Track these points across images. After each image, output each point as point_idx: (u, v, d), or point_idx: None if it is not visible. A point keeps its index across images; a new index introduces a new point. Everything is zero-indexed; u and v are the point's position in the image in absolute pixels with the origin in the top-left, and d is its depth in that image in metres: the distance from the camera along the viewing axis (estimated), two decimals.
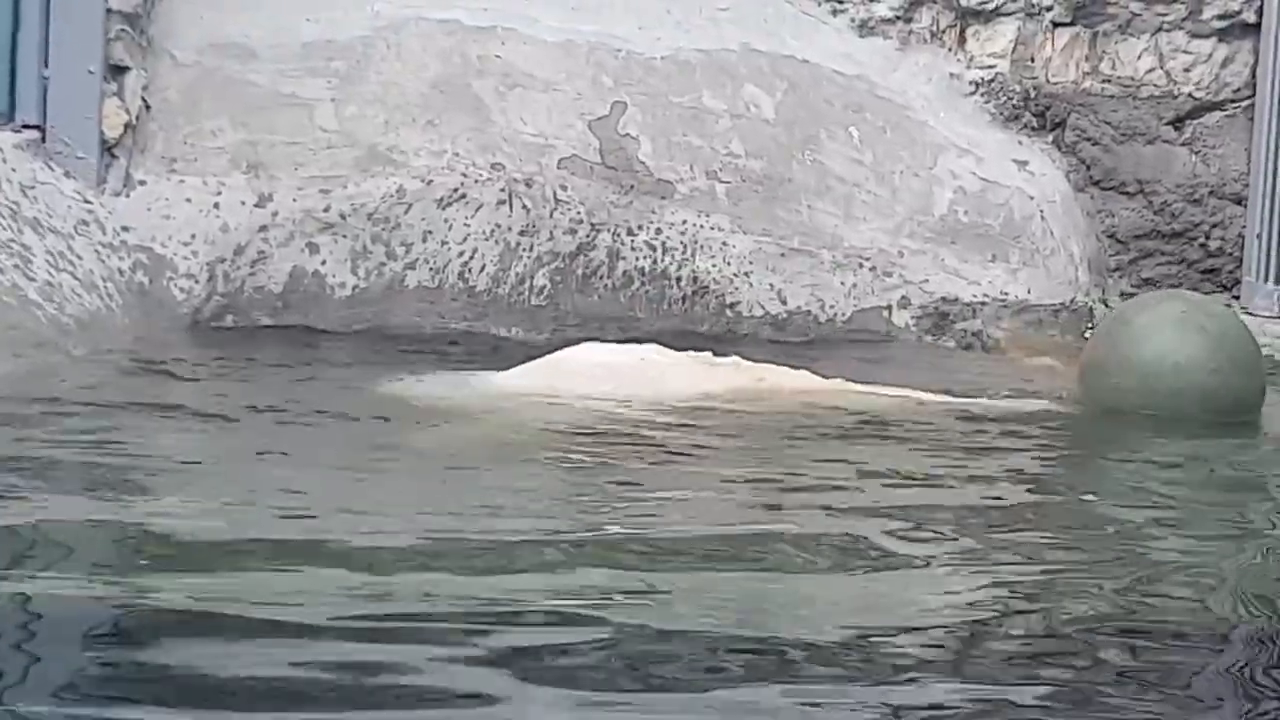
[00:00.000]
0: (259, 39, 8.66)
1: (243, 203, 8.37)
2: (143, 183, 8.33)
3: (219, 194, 8.36)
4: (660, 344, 7.62)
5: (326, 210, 8.45)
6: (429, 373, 7.44)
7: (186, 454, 6.04)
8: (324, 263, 8.42)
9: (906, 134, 9.32)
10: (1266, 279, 9.34)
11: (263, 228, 8.36)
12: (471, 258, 8.57)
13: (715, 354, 7.57)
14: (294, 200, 8.43)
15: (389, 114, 8.66)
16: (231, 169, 8.42)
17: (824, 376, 7.51)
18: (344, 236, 8.45)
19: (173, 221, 8.27)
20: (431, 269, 8.53)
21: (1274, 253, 9.31)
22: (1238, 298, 9.42)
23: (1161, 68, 9.57)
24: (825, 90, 9.28)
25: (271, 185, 8.42)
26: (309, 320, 8.33)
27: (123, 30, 8.33)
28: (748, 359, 7.55)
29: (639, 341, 7.81)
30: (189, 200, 8.32)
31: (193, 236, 8.27)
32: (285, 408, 6.75)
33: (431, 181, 8.57)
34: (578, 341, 7.96)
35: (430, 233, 8.53)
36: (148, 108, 8.42)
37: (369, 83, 8.70)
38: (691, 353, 7.52)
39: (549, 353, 7.55)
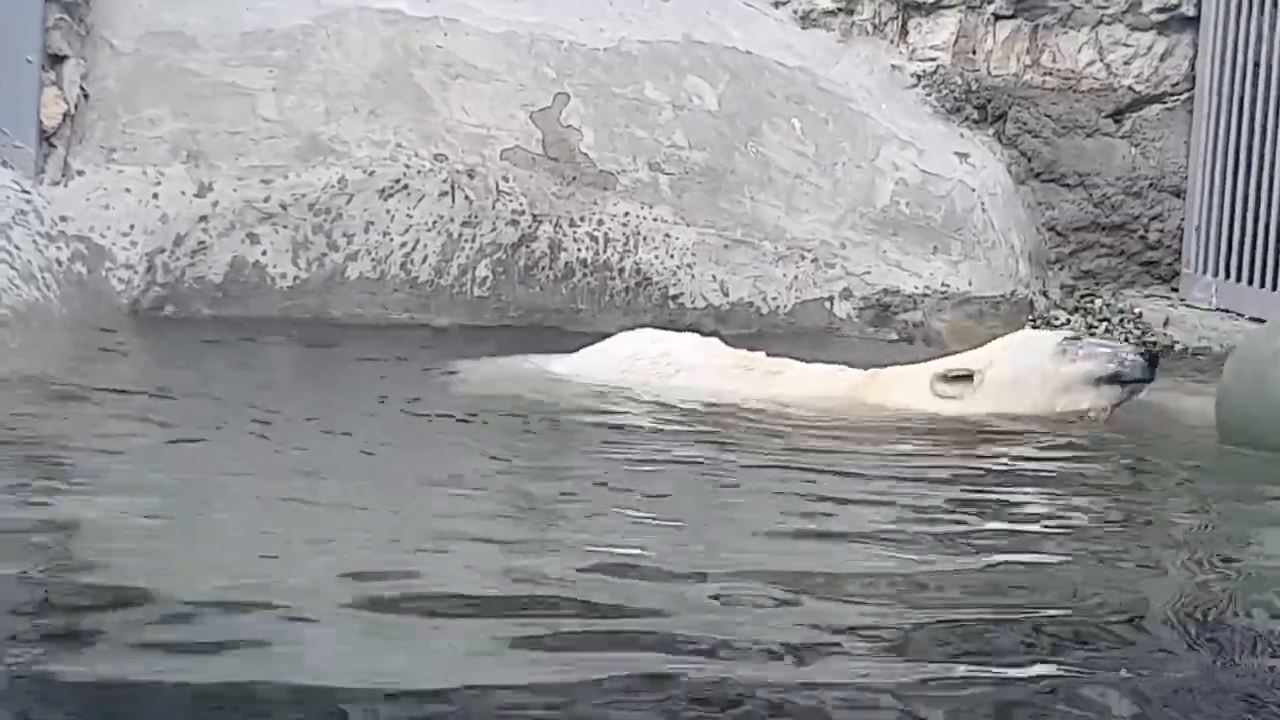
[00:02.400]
0: (199, 28, 8.61)
1: (183, 193, 8.32)
2: (81, 172, 8.27)
3: (158, 184, 8.30)
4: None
5: (267, 200, 8.40)
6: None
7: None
8: (265, 253, 8.37)
9: (848, 126, 9.33)
10: (1205, 271, 9.39)
11: (203, 218, 8.31)
12: (413, 248, 8.54)
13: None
14: (234, 190, 8.38)
15: (330, 104, 8.62)
16: (171, 159, 8.36)
17: None
18: (285, 227, 8.41)
19: (112, 211, 8.21)
20: (373, 260, 8.49)
21: (1213, 245, 9.37)
22: (1176, 290, 9.47)
23: (1102, 61, 9.61)
24: (768, 82, 9.28)
25: (211, 175, 8.37)
26: (250, 311, 8.28)
27: (61, 19, 8.27)
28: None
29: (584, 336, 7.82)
30: (128, 190, 8.26)
31: (132, 227, 8.22)
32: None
33: (373, 172, 8.53)
34: (521, 330, 7.99)
35: (372, 223, 8.50)
36: (86, 97, 8.36)
37: (310, 72, 8.66)
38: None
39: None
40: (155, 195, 8.29)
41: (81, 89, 8.33)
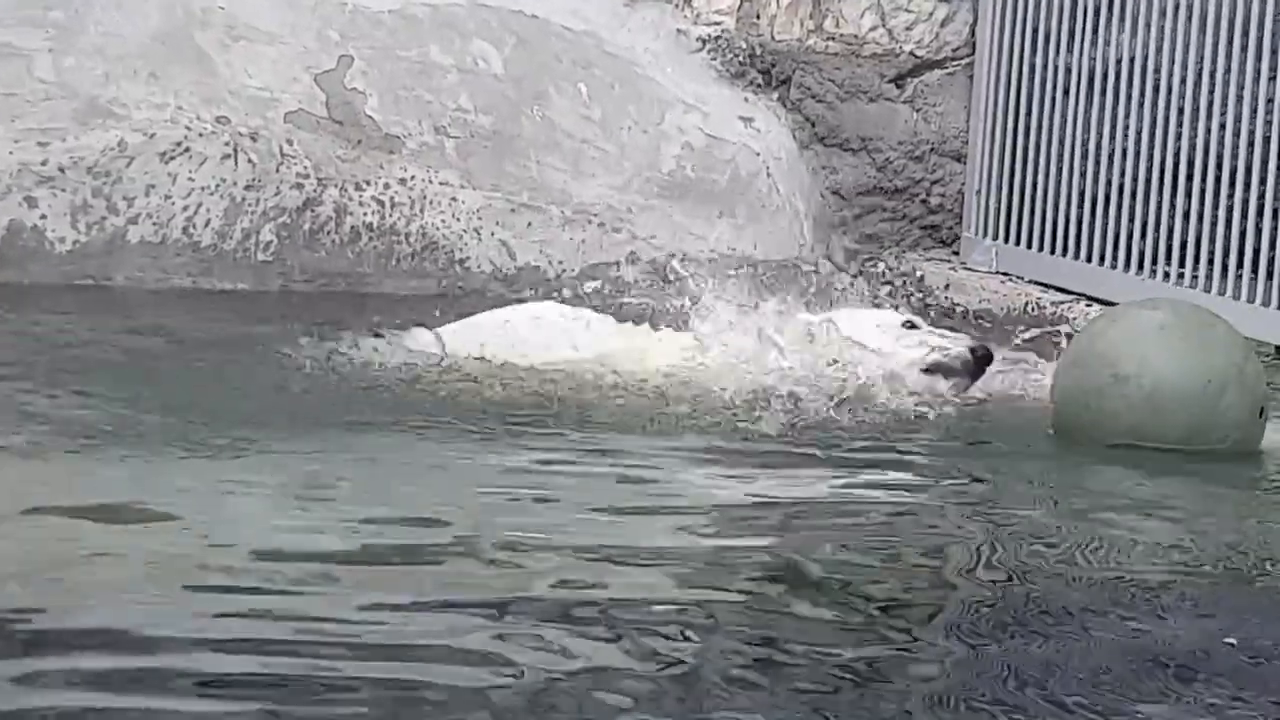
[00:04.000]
0: None
1: None
2: None
3: None
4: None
5: (45, 163, 8.27)
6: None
7: None
8: (43, 217, 8.25)
9: (634, 90, 9.36)
10: (985, 235, 9.53)
11: None
12: (195, 212, 8.46)
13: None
14: (10, 153, 8.24)
15: (109, 66, 8.50)
16: None
17: None
18: (63, 190, 8.29)
19: None
20: (155, 224, 8.40)
21: (992, 210, 9.51)
22: (957, 253, 9.62)
23: (884, 26, 9.71)
24: (554, 46, 9.28)
25: None
26: (28, 276, 8.16)
27: None
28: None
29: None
30: None
31: None
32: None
33: (154, 135, 8.44)
34: (305, 297, 7.92)
35: (153, 187, 8.40)
36: None
37: (88, 34, 8.53)
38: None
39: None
40: None
41: None
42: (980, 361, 6.79)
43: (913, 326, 6.93)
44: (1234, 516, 5.58)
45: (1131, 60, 8.80)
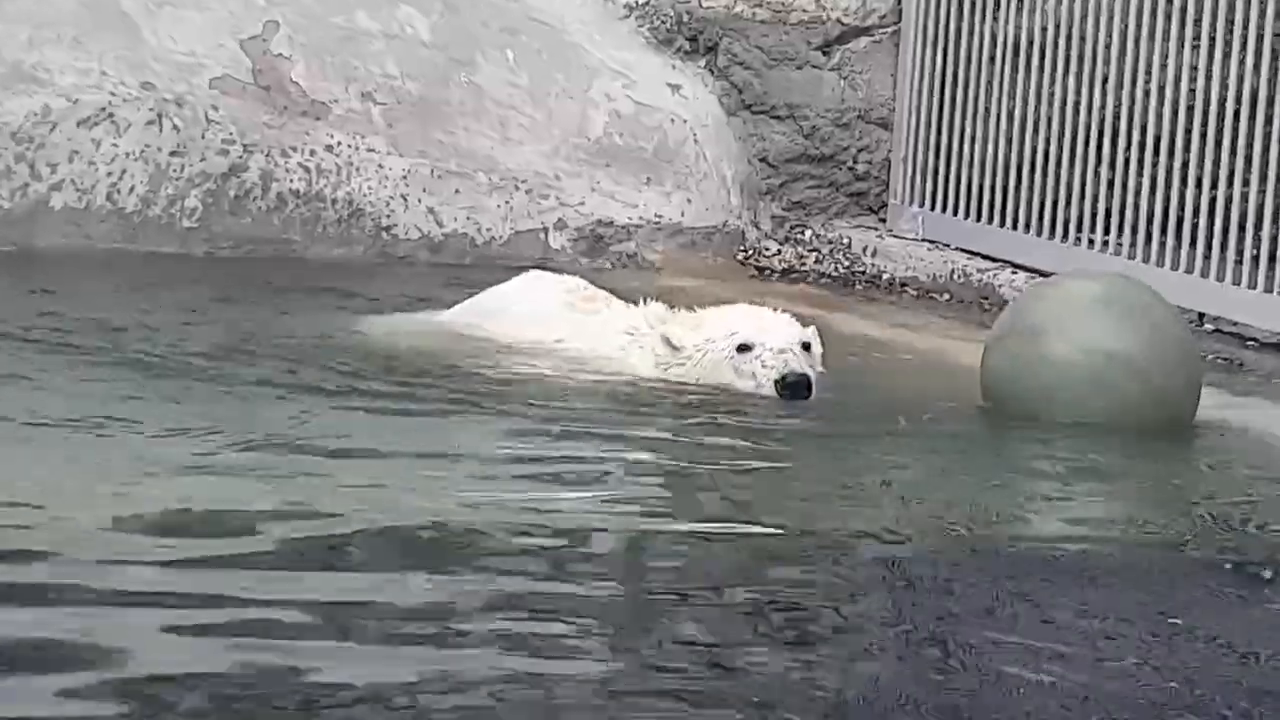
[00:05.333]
0: None
1: None
2: None
3: None
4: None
5: None
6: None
7: None
8: None
9: (562, 57, 9.35)
10: (911, 202, 9.56)
11: None
12: (120, 178, 8.40)
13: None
14: None
15: (34, 31, 8.44)
16: None
17: None
18: None
19: None
20: (78, 190, 8.35)
21: (919, 177, 9.54)
22: (884, 220, 9.65)
23: None
24: (481, 12, 9.26)
25: None
26: None
27: None
28: None
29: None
30: None
31: None
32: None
33: (78, 100, 8.38)
34: (232, 263, 7.90)
35: (77, 153, 8.34)
36: None
37: (14, 0, 8.47)
38: None
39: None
40: None
41: None
42: (793, 389, 6.36)
43: (748, 347, 6.49)
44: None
45: (1057, 28, 8.83)
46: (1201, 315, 7.88)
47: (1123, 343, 6.17)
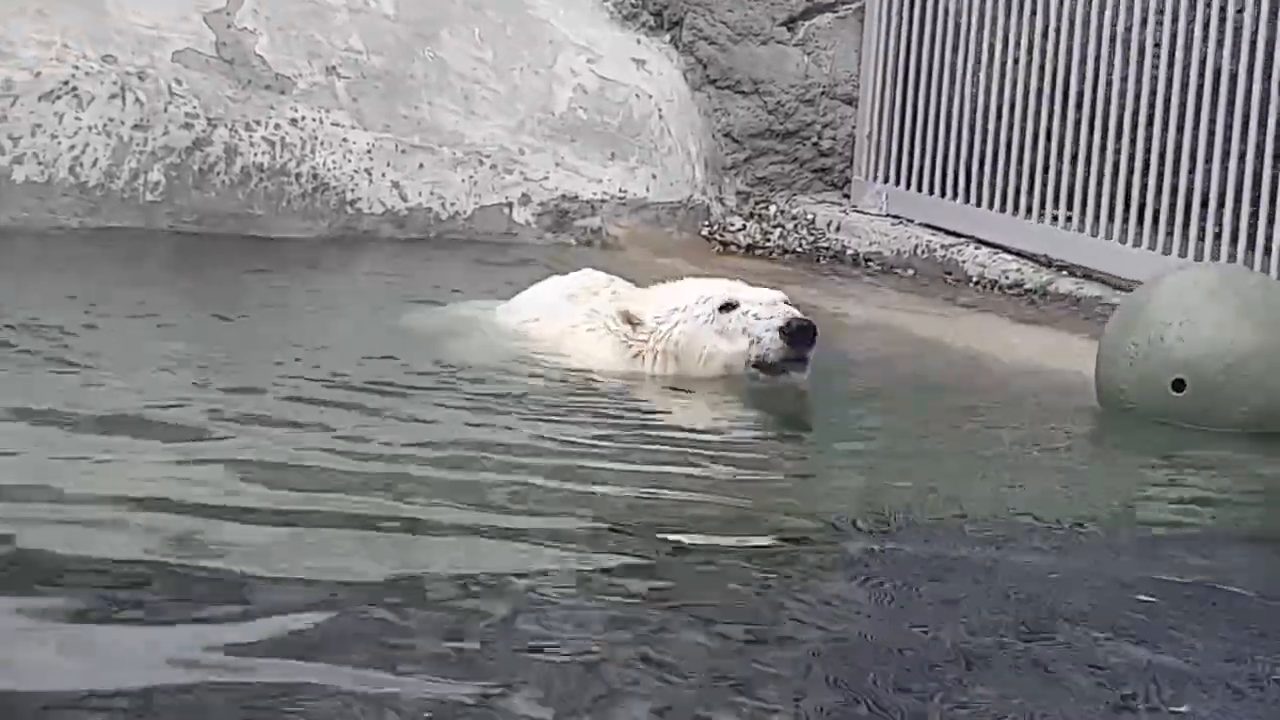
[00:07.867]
0: None
1: None
2: None
3: None
4: None
5: None
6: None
7: None
8: None
9: (527, 32, 9.34)
10: (875, 178, 9.58)
11: None
12: (82, 152, 8.38)
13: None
14: None
15: None
16: None
17: None
18: None
19: None
20: (40, 164, 8.32)
21: (883, 153, 9.56)
22: (848, 196, 9.66)
23: None
24: None
25: None
26: None
27: None
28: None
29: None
30: None
31: None
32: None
33: (40, 74, 8.35)
34: (196, 238, 7.89)
35: (39, 126, 8.32)
36: None
37: None
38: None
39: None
40: None
41: None
42: (796, 340, 6.11)
43: (731, 305, 6.21)
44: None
45: (1020, 5, 8.84)
46: None
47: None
